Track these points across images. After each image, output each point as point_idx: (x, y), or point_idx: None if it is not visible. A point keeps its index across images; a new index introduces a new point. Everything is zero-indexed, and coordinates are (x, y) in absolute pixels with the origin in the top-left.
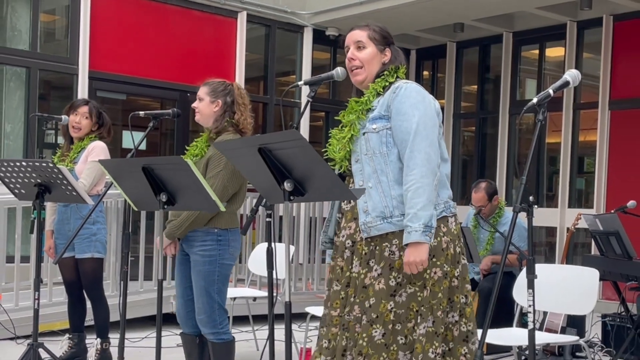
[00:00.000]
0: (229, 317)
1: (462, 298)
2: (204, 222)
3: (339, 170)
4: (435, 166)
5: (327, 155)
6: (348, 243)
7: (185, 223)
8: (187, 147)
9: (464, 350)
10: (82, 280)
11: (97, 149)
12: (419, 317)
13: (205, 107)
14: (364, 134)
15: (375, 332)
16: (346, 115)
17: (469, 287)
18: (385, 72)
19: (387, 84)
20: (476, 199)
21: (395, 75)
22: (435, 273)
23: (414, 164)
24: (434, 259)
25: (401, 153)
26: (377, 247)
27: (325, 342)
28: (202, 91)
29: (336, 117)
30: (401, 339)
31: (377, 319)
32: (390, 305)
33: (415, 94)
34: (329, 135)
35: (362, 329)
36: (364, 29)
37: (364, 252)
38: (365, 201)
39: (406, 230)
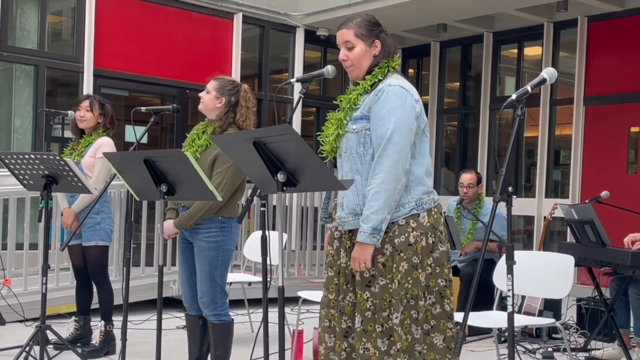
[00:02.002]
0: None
1: (442, 282)
2: (213, 213)
3: (329, 159)
4: (400, 172)
5: (320, 138)
6: (336, 234)
7: (195, 215)
8: (187, 135)
9: (449, 325)
10: (88, 266)
11: (105, 146)
12: (392, 307)
13: (209, 101)
14: (345, 132)
15: (357, 319)
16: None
17: (447, 271)
18: (374, 69)
19: (376, 80)
20: (467, 177)
21: (386, 71)
22: (402, 267)
23: (379, 169)
24: (401, 254)
25: (375, 155)
26: (353, 241)
27: (326, 322)
28: (211, 85)
29: (334, 102)
30: (378, 327)
31: (356, 308)
32: (367, 295)
33: (394, 98)
34: (322, 129)
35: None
36: (350, 27)
37: (348, 245)
38: (343, 197)
39: (359, 229)
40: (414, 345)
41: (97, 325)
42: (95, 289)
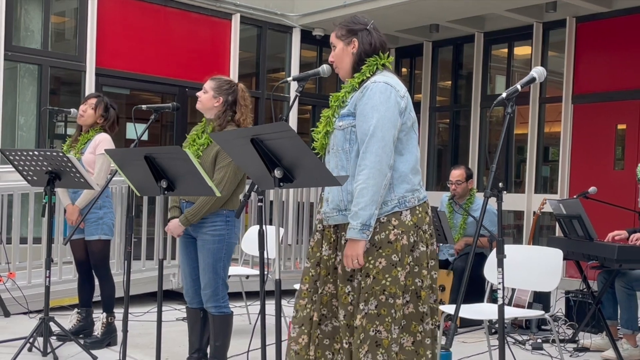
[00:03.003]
0: None
1: (419, 282)
2: (218, 207)
3: (320, 156)
4: (385, 167)
5: (314, 134)
6: (319, 227)
7: (201, 211)
8: (187, 135)
9: (420, 328)
10: (91, 260)
11: (104, 142)
12: (362, 304)
13: (207, 100)
14: (333, 129)
15: (340, 313)
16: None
17: (426, 272)
18: (363, 67)
19: (365, 78)
20: (456, 174)
21: (374, 68)
22: (380, 263)
23: (364, 165)
24: (380, 250)
25: (360, 152)
26: (338, 235)
27: (294, 312)
28: (209, 84)
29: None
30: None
31: (339, 301)
32: (348, 289)
33: (378, 94)
34: (316, 126)
35: (338, 305)
36: (335, 29)
37: (332, 239)
38: (329, 192)
39: (349, 226)
40: (391, 345)
41: (99, 317)
42: (96, 282)
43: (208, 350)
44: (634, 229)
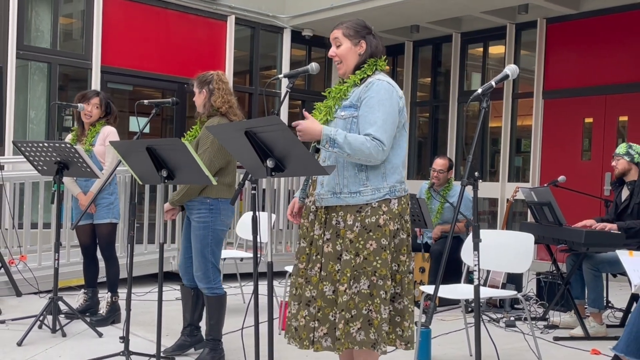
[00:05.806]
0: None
1: (395, 266)
2: (197, 193)
3: (312, 145)
4: (380, 154)
5: None
6: (312, 208)
7: (180, 192)
8: (188, 131)
9: (389, 308)
10: (99, 242)
11: (112, 134)
12: (352, 280)
13: (196, 98)
14: (334, 118)
15: (326, 288)
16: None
17: (403, 258)
18: (364, 66)
19: (365, 76)
20: (440, 163)
21: (374, 68)
22: (370, 245)
23: (370, 144)
24: (370, 233)
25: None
26: (329, 216)
27: (293, 290)
28: (194, 85)
29: (323, 93)
30: (340, 298)
31: (326, 277)
32: (337, 267)
33: (383, 91)
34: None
35: (320, 285)
36: (340, 27)
37: (323, 219)
38: (323, 175)
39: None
40: (381, 324)
41: (104, 296)
42: (101, 264)
43: (202, 325)
44: (601, 217)
